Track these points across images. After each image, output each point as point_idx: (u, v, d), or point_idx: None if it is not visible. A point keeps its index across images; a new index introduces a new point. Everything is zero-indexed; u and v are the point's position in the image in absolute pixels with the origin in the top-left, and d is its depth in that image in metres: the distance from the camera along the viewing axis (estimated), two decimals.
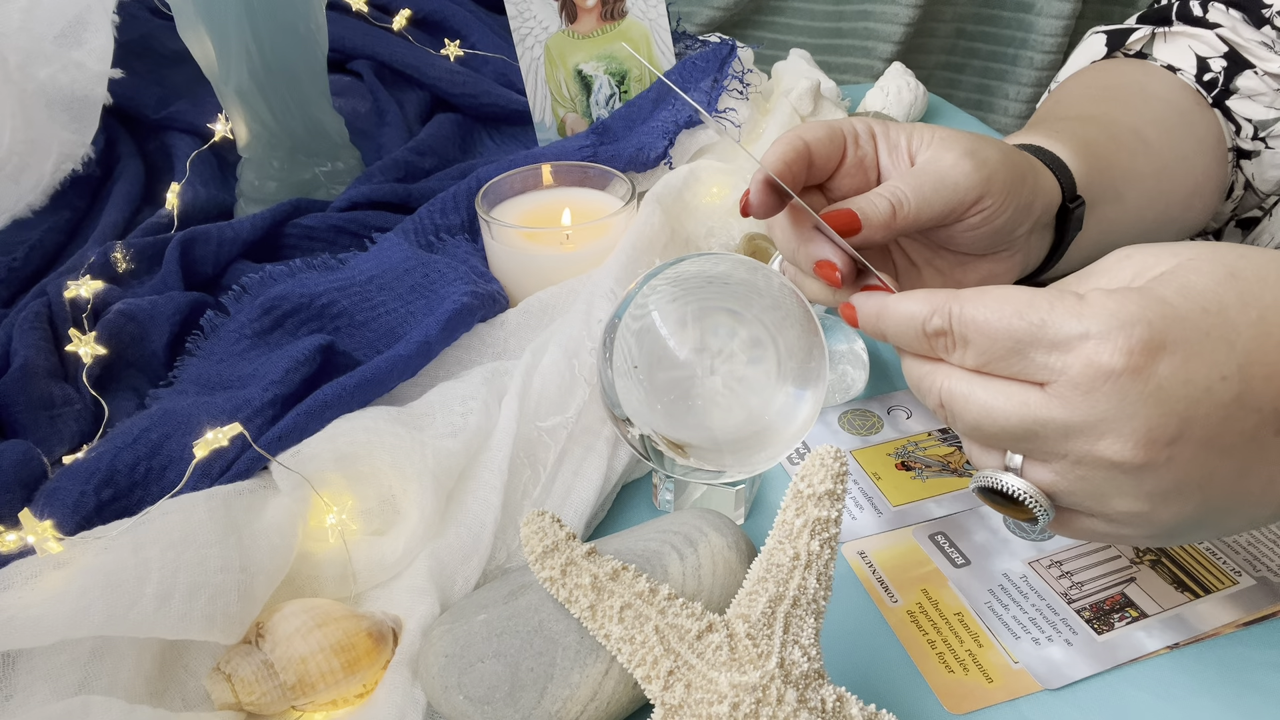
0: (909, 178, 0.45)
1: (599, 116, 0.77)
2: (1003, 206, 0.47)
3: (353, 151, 0.76)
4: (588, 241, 0.58)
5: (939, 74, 1.47)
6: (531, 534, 0.38)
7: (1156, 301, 0.32)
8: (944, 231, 0.48)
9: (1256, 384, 0.32)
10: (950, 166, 0.45)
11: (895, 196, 0.44)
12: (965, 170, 0.45)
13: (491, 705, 0.37)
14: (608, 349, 0.45)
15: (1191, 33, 0.70)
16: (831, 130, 0.47)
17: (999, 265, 0.51)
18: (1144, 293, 0.32)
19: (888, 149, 0.48)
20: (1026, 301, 0.33)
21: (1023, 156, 0.49)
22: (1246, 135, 0.69)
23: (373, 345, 0.56)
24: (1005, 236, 0.48)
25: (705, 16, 1.38)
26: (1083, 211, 0.53)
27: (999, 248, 0.50)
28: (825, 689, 0.35)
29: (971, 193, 0.45)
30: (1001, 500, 0.36)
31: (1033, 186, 0.49)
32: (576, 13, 0.74)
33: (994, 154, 0.47)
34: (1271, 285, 0.32)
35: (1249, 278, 0.32)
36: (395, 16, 0.91)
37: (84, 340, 0.54)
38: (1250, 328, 0.32)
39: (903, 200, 0.44)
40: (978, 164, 0.45)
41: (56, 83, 0.71)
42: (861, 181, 0.48)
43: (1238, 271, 0.33)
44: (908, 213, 0.44)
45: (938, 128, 0.48)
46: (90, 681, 0.38)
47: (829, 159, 0.47)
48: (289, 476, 0.44)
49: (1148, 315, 0.31)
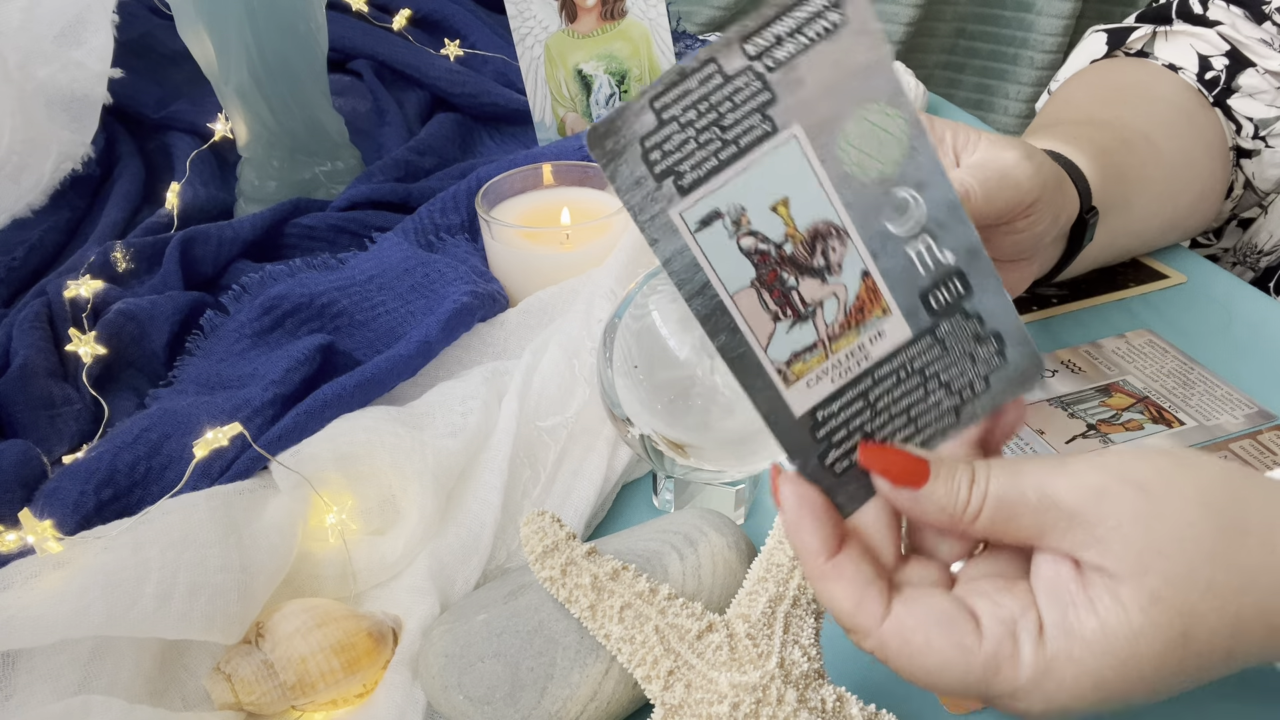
0: (975, 170, 0.43)
1: (599, 116, 0.77)
2: (1046, 213, 0.45)
3: (353, 151, 0.76)
4: (588, 241, 0.58)
5: (939, 74, 1.47)
6: (531, 534, 0.38)
7: (1093, 688, 0.30)
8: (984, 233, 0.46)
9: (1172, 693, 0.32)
10: (1013, 165, 0.43)
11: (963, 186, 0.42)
12: (1027, 172, 0.43)
13: (491, 705, 0.37)
14: (608, 349, 0.45)
15: (1192, 31, 0.70)
16: None
17: (1017, 274, 0.50)
18: (1082, 674, 0.30)
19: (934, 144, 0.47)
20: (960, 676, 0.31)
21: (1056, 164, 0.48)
22: (1247, 134, 0.69)
23: (373, 345, 0.56)
24: (1036, 243, 0.47)
25: (705, 16, 1.38)
26: (1096, 222, 0.53)
27: (1023, 255, 0.48)
28: (825, 689, 0.35)
29: (1031, 194, 0.44)
30: None
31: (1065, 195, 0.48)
32: (576, 12, 0.74)
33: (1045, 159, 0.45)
34: (1219, 645, 0.30)
35: (1201, 639, 0.30)
36: (395, 16, 0.91)
37: (84, 340, 0.54)
38: (1177, 686, 0.31)
39: (969, 192, 0.42)
40: (1036, 167, 0.44)
41: (56, 82, 0.71)
42: None
43: (1192, 633, 0.30)
44: (973, 207, 0.42)
45: (983, 130, 0.46)
46: (90, 681, 0.38)
47: None
48: (289, 476, 0.44)
49: (1075, 706, 0.30)
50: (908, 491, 0.31)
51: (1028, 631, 0.30)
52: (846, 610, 0.31)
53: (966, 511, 0.31)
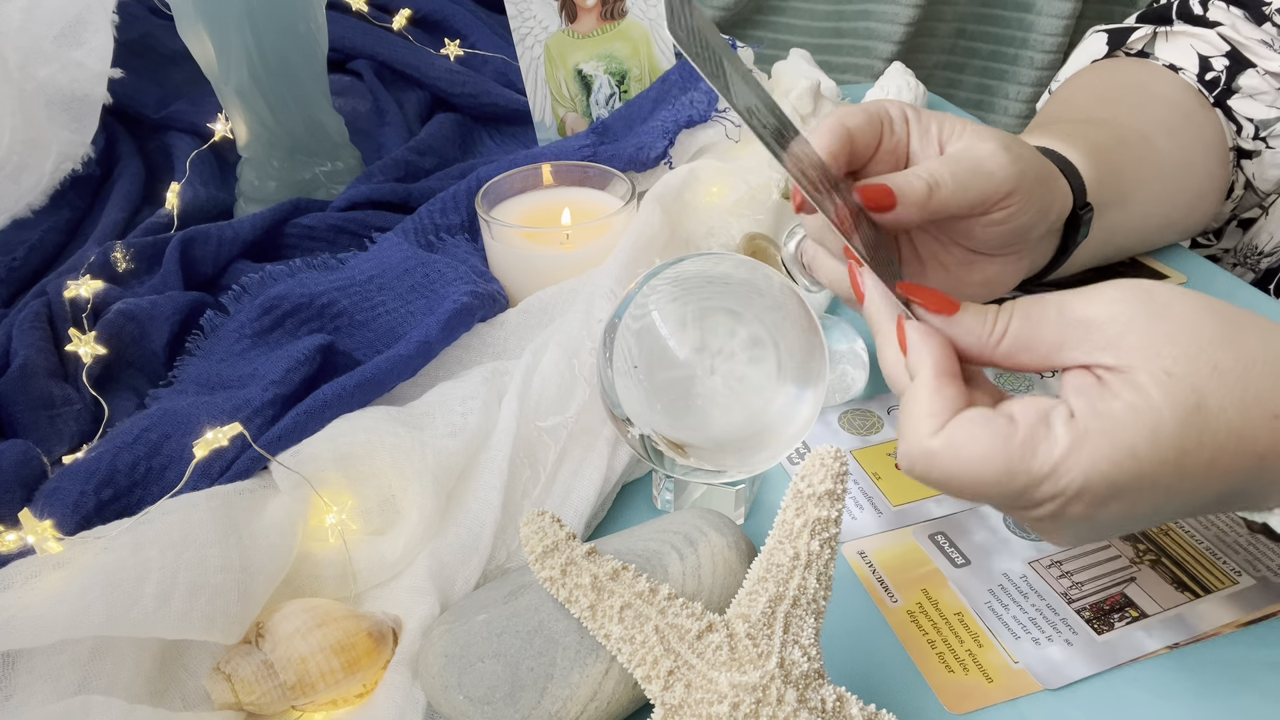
0: (948, 161, 0.44)
1: (599, 116, 0.77)
2: (1027, 205, 0.46)
3: (353, 151, 0.76)
4: (588, 241, 0.58)
5: (939, 74, 1.47)
6: (531, 534, 0.38)
7: (1127, 456, 0.33)
8: (964, 224, 0.47)
9: (1183, 507, 0.35)
10: (988, 156, 0.45)
11: (933, 177, 0.43)
12: (1002, 162, 0.45)
13: (491, 705, 0.37)
14: (608, 349, 0.45)
15: (1193, 32, 0.70)
16: (870, 115, 0.46)
17: (1006, 267, 0.50)
18: (1117, 444, 0.33)
19: (919, 134, 0.47)
20: (1003, 466, 0.34)
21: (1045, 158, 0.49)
22: (1247, 135, 0.69)
23: (373, 345, 0.56)
24: (1021, 237, 0.48)
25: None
26: (1091, 218, 0.53)
27: (1011, 248, 0.49)
28: (825, 689, 0.35)
29: (1005, 185, 0.45)
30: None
31: (1053, 190, 0.48)
32: (576, 12, 0.74)
33: (1026, 151, 0.46)
34: (1229, 419, 0.33)
35: (1213, 410, 0.33)
36: (395, 16, 0.91)
37: (84, 340, 0.54)
38: (1200, 470, 0.34)
39: (940, 182, 0.43)
40: (1013, 158, 0.45)
41: (56, 82, 0.71)
42: (893, 169, 0.47)
43: (1204, 404, 0.33)
44: (944, 195, 0.43)
45: (968, 120, 0.47)
46: (90, 681, 0.38)
47: (868, 146, 0.46)
48: (289, 476, 0.44)
49: (1114, 475, 0.33)
50: (942, 317, 0.38)
51: (1059, 416, 0.34)
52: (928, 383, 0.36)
53: (994, 332, 0.37)
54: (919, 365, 0.37)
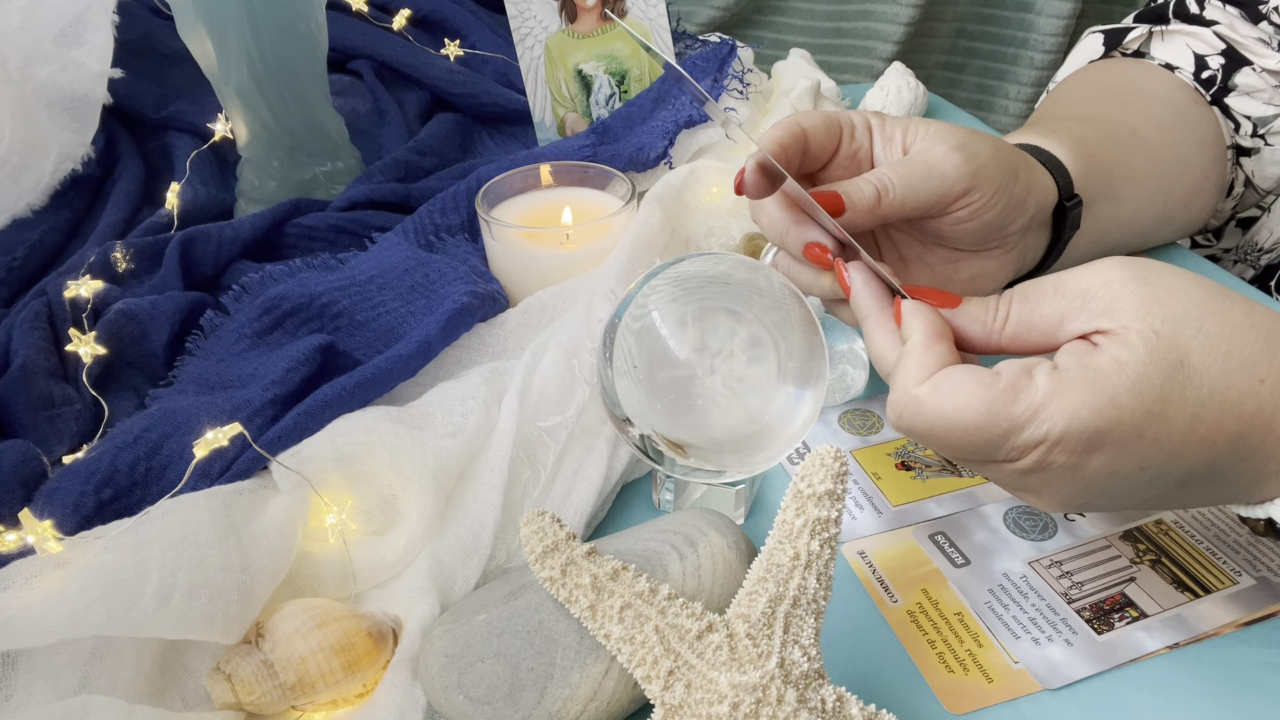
0: (897, 166, 0.46)
1: (599, 116, 0.77)
2: (992, 201, 0.47)
3: (353, 151, 0.76)
4: (588, 241, 0.58)
5: (939, 74, 1.47)
6: (531, 534, 0.38)
7: (1109, 404, 0.34)
8: (933, 224, 0.48)
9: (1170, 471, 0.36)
10: (940, 158, 0.46)
11: (881, 182, 0.45)
12: (955, 163, 0.46)
13: (491, 705, 0.37)
14: (608, 349, 0.45)
15: (1189, 30, 0.70)
16: (829, 120, 0.48)
17: (991, 263, 0.51)
18: (1098, 392, 0.34)
19: (883, 142, 0.49)
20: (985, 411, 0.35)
21: (1016, 153, 0.49)
22: (1246, 132, 0.69)
23: (373, 345, 0.55)
24: (996, 232, 0.49)
25: (705, 16, 1.38)
26: (1080, 210, 0.53)
27: (990, 244, 0.50)
28: (825, 689, 0.35)
29: (959, 185, 0.46)
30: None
31: (1026, 183, 0.49)
32: (576, 12, 0.74)
33: (985, 148, 0.47)
34: (1213, 377, 0.35)
35: (1196, 368, 0.35)
36: (395, 16, 0.91)
37: (84, 340, 0.54)
38: (1182, 426, 0.35)
39: (888, 186, 0.45)
40: (967, 157, 0.46)
41: (56, 82, 0.71)
42: (854, 175, 0.48)
43: (1188, 361, 0.35)
44: (893, 199, 0.44)
45: (934, 122, 0.48)
46: (90, 681, 0.38)
47: (824, 148, 0.48)
48: (289, 476, 0.44)
49: (1096, 423, 0.34)
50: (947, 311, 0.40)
51: (1043, 368, 0.36)
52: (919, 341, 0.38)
53: (997, 317, 0.39)
54: (911, 330, 0.39)
